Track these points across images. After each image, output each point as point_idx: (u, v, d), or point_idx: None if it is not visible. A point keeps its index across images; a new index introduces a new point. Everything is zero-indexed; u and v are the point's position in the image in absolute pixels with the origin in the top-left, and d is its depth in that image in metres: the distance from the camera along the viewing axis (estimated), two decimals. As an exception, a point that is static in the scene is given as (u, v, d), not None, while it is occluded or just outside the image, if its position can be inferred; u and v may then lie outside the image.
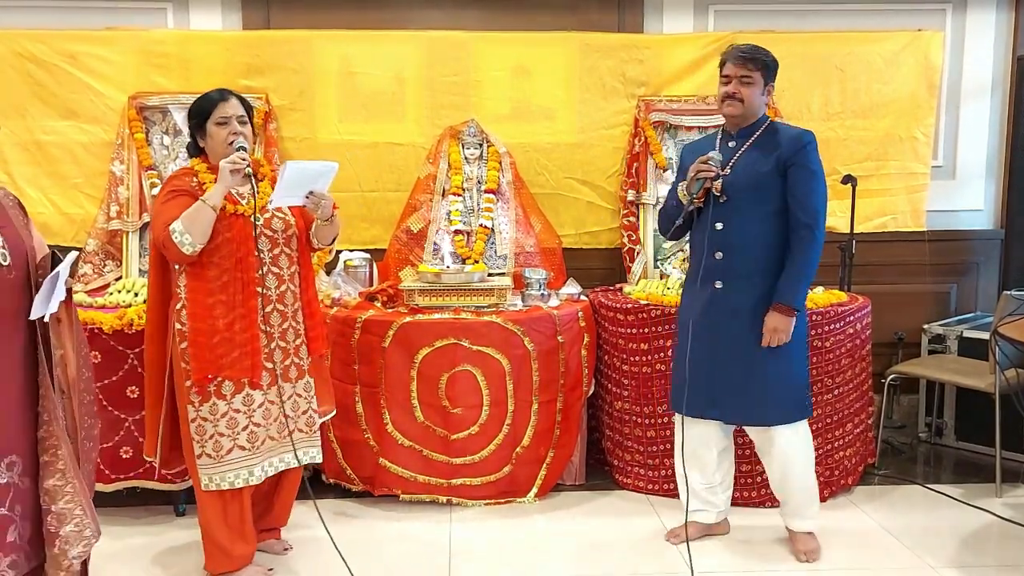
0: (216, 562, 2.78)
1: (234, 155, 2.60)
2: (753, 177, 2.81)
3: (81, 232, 3.99)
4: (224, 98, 2.68)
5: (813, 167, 2.79)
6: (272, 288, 2.72)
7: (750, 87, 2.82)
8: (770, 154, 2.80)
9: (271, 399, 2.75)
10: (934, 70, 4.25)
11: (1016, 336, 3.12)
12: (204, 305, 2.62)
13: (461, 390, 3.38)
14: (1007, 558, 3.01)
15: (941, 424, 4.13)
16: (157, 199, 2.69)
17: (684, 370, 2.85)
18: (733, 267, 2.83)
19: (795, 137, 2.83)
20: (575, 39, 4.15)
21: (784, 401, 2.87)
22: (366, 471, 3.45)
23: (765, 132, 2.87)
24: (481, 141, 4.08)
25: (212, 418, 2.66)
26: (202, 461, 2.67)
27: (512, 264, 3.97)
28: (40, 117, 3.99)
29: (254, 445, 2.72)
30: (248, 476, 2.72)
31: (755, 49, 2.85)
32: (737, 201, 2.82)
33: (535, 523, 3.33)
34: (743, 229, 2.82)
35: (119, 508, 3.37)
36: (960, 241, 4.50)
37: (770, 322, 2.78)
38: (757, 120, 2.88)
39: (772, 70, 2.87)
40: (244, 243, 2.65)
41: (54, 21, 4.03)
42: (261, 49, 4.05)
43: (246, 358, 2.65)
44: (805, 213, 2.77)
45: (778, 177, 2.79)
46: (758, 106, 2.87)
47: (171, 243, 2.52)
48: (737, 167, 2.84)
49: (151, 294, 2.80)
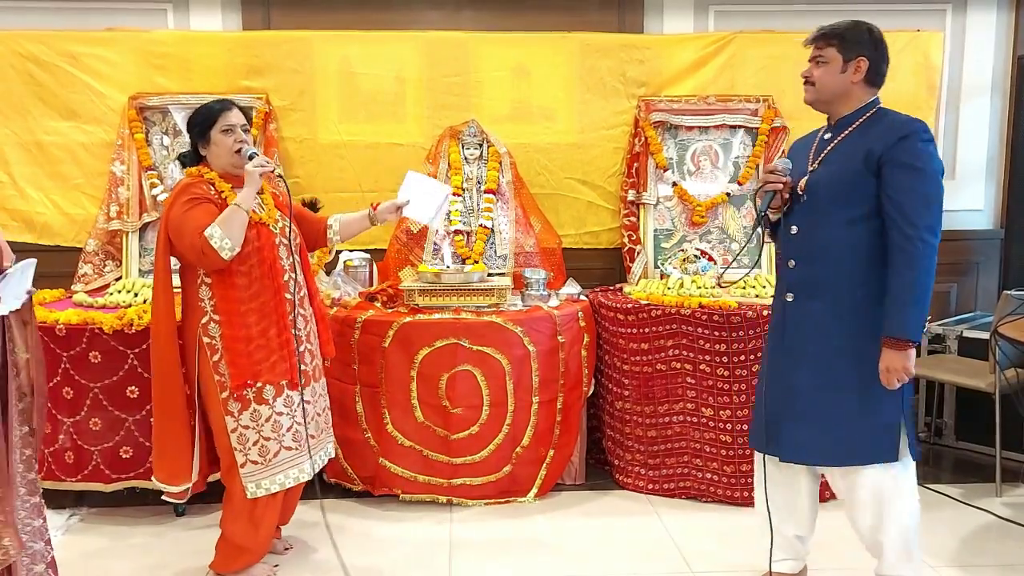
0: (228, 562, 2.80)
1: (258, 159, 2.62)
2: (837, 175, 2.38)
3: (82, 232, 3.99)
4: (227, 107, 2.71)
5: (917, 163, 2.29)
6: (295, 294, 2.76)
7: (823, 66, 2.40)
8: (863, 148, 2.35)
9: (307, 399, 2.78)
10: (933, 70, 4.26)
11: (1016, 336, 3.12)
12: (238, 314, 2.63)
13: (461, 390, 3.38)
14: (1007, 558, 3.02)
15: (941, 424, 4.13)
16: (175, 207, 2.61)
17: (760, 400, 2.53)
18: (807, 278, 2.44)
19: (894, 127, 2.34)
20: (575, 39, 4.16)
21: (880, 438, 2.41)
22: (366, 471, 3.45)
23: (867, 122, 2.40)
24: (481, 141, 4.08)
25: (255, 424, 2.68)
26: (247, 469, 2.68)
27: (512, 264, 3.97)
28: (41, 117, 3.99)
29: (300, 444, 2.75)
30: (299, 474, 2.76)
31: (831, 24, 2.41)
32: (817, 202, 2.41)
33: (535, 523, 3.33)
34: (822, 235, 2.40)
35: (119, 508, 3.38)
36: (960, 241, 4.50)
37: (882, 361, 2.33)
38: (860, 107, 2.42)
39: (853, 40, 2.37)
40: (271, 250, 2.68)
41: (55, 22, 4.03)
42: (261, 50, 4.05)
43: (283, 361, 2.68)
44: (904, 219, 2.28)
45: (870, 175, 2.32)
46: (839, 87, 2.40)
47: (210, 249, 2.51)
48: (826, 162, 2.43)
49: (163, 315, 2.70)
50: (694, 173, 4.14)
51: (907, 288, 2.29)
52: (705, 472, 3.46)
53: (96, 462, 3.26)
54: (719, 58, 4.18)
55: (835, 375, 2.42)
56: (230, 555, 2.80)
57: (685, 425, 3.46)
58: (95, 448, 3.25)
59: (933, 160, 2.33)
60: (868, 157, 2.33)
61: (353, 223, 3.03)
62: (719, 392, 3.38)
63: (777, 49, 4.17)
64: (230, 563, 2.81)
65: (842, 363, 2.40)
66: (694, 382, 3.42)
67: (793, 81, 2.68)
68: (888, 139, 2.31)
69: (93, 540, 3.18)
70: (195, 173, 2.70)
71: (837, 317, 2.40)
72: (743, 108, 4.11)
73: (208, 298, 2.65)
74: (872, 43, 2.40)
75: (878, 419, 2.40)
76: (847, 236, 2.37)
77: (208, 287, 2.65)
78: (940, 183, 2.34)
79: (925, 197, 2.31)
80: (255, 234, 2.64)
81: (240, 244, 2.56)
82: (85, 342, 3.19)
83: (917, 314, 2.29)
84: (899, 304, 2.29)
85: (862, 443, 2.42)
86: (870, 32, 2.41)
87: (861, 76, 2.40)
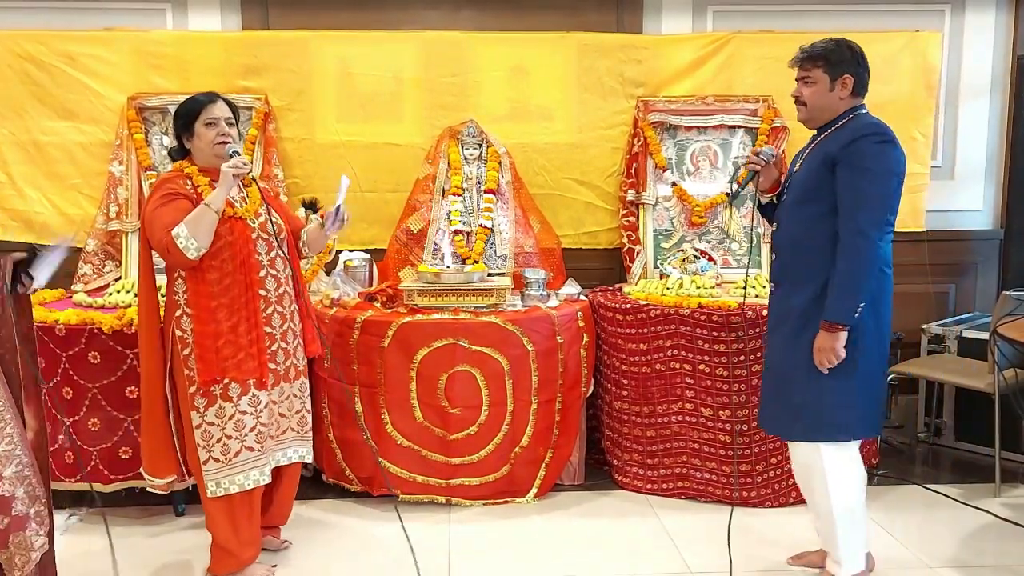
0: (222, 564, 2.79)
1: (235, 160, 2.60)
2: (805, 174, 2.61)
3: (80, 232, 3.99)
4: (212, 100, 2.68)
5: (865, 164, 2.46)
6: (271, 290, 2.74)
7: (811, 87, 2.60)
8: (826, 149, 2.55)
9: (273, 399, 2.76)
10: (932, 70, 4.26)
11: (1015, 336, 3.12)
12: (207, 308, 2.62)
13: (460, 390, 3.38)
14: (1006, 558, 3.02)
15: (940, 424, 4.13)
16: (150, 202, 2.63)
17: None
18: (784, 269, 2.69)
19: (854, 129, 2.52)
20: (573, 39, 4.15)
21: (807, 417, 2.61)
22: (365, 471, 3.45)
23: (840, 126, 2.58)
24: (480, 141, 4.08)
25: (219, 422, 2.66)
26: (208, 467, 2.67)
27: (511, 264, 3.97)
28: (39, 117, 3.99)
29: (262, 445, 2.73)
30: (259, 476, 2.74)
31: (813, 45, 2.60)
32: (790, 201, 2.68)
33: (534, 523, 3.33)
34: (793, 230, 2.65)
35: (119, 508, 3.38)
36: (959, 241, 4.50)
37: (815, 341, 2.55)
38: (840, 114, 2.60)
39: (837, 60, 2.56)
40: (244, 245, 2.66)
41: (53, 22, 4.03)
42: (260, 50, 4.05)
43: (252, 359, 2.67)
44: (847, 215, 2.48)
45: (829, 175, 2.52)
46: (829, 104, 2.59)
47: (175, 248, 2.51)
48: (803, 164, 2.65)
49: (145, 308, 2.73)
50: (693, 173, 4.14)
51: (842, 277, 2.49)
52: (704, 472, 3.46)
53: (95, 462, 3.26)
54: (717, 58, 4.18)
55: (793, 357, 2.62)
56: (219, 558, 2.79)
57: (684, 425, 3.46)
58: (94, 448, 3.25)
59: (885, 161, 2.49)
60: (826, 157, 2.53)
61: (318, 237, 2.93)
62: (718, 392, 3.38)
63: (775, 49, 4.16)
64: (222, 566, 2.79)
65: (800, 346, 2.59)
66: (693, 382, 3.42)
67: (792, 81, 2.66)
68: (844, 140, 2.50)
69: (93, 540, 3.17)
70: (176, 168, 2.69)
71: (800, 304, 2.60)
72: (742, 108, 4.11)
73: (182, 292, 2.65)
74: (855, 60, 2.59)
75: (817, 398, 2.58)
76: (811, 230, 2.57)
77: (183, 280, 2.65)
78: (888, 183, 2.50)
79: (868, 196, 2.47)
80: (228, 228, 2.63)
81: (208, 244, 2.56)
82: (84, 342, 3.19)
83: (847, 301, 2.48)
84: (836, 292, 2.50)
85: (795, 420, 2.64)
86: (851, 49, 2.59)
87: (848, 92, 2.58)
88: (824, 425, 2.60)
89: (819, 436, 2.62)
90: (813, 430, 2.62)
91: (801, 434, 2.66)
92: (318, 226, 2.92)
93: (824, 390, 2.57)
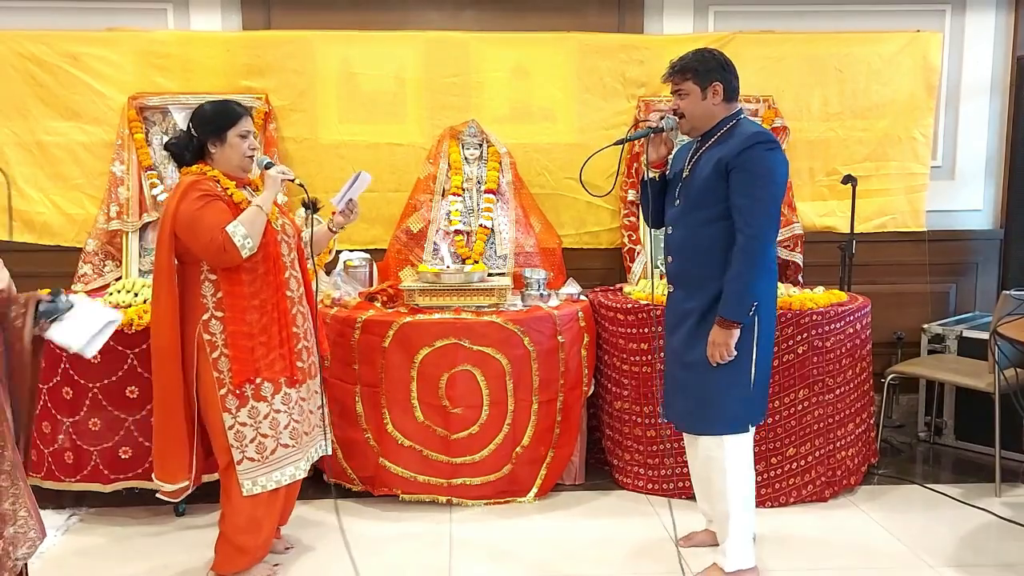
0: (229, 563, 2.80)
1: (280, 166, 2.74)
2: (699, 180, 2.68)
3: (82, 232, 4.00)
4: (247, 112, 2.76)
5: (755, 169, 2.56)
6: (295, 290, 2.79)
7: (686, 98, 2.70)
8: (717, 156, 2.64)
9: (302, 396, 2.80)
10: (932, 71, 4.26)
11: (1015, 336, 3.12)
12: (241, 309, 2.65)
13: (461, 390, 3.38)
14: (1006, 557, 3.02)
15: (940, 424, 4.14)
16: (185, 204, 2.59)
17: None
18: (680, 272, 2.77)
19: (742, 137, 2.62)
20: (575, 40, 4.16)
21: (712, 411, 2.73)
22: (366, 471, 3.45)
23: (726, 132, 2.69)
24: (481, 141, 4.09)
25: (252, 422, 2.69)
26: (243, 466, 2.69)
27: (512, 264, 3.97)
28: (41, 118, 4.00)
29: (297, 441, 2.77)
30: (295, 471, 2.78)
31: (681, 59, 2.71)
32: (685, 205, 2.73)
33: (535, 523, 3.33)
34: (689, 234, 2.72)
35: (119, 508, 3.38)
36: (959, 241, 4.50)
37: (710, 335, 2.65)
38: (720, 121, 2.71)
39: (704, 70, 2.67)
40: (275, 247, 2.71)
41: (55, 22, 4.04)
42: (261, 50, 4.06)
43: (282, 359, 2.70)
44: (739, 219, 2.58)
45: (721, 181, 2.61)
46: (705, 112, 2.70)
47: (232, 246, 2.55)
48: (693, 169, 2.73)
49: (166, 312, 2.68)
50: (694, 173, 4.14)
51: (737, 278, 2.59)
52: (704, 472, 3.46)
53: (95, 462, 3.26)
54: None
55: (692, 354, 2.71)
56: (230, 556, 2.79)
57: (684, 425, 3.46)
58: (94, 448, 3.25)
59: (776, 167, 2.61)
60: (719, 164, 2.62)
61: (322, 238, 3.01)
62: (718, 392, 3.39)
63: (776, 49, 4.18)
64: (230, 564, 2.80)
65: (697, 344, 2.69)
66: (693, 382, 3.43)
67: (792, 81, 2.68)
68: (736, 148, 2.60)
69: (92, 540, 3.18)
70: (196, 171, 2.70)
71: (700, 307, 2.69)
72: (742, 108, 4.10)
73: (211, 295, 2.65)
74: (720, 66, 2.70)
75: (720, 394, 2.70)
76: (706, 234, 2.66)
77: (212, 284, 2.65)
78: (780, 188, 2.64)
79: (762, 200, 2.58)
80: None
81: (258, 244, 2.62)
82: (85, 342, 3.18)
83: (743, 301, 2.60)
84: (729, 291, 2.61)
85: (701, 415, 2.75)
86: (716, 58, 2.71)
87: (720, 98, 2.69)
88: (728, 419, 2.73)
89: (724, 429, 2.74)
90: (719, 423, 2.74)
91: (707, 428, 2.77)
92: (325, 227, 3.00)
93: (726, 385, 2.69)
